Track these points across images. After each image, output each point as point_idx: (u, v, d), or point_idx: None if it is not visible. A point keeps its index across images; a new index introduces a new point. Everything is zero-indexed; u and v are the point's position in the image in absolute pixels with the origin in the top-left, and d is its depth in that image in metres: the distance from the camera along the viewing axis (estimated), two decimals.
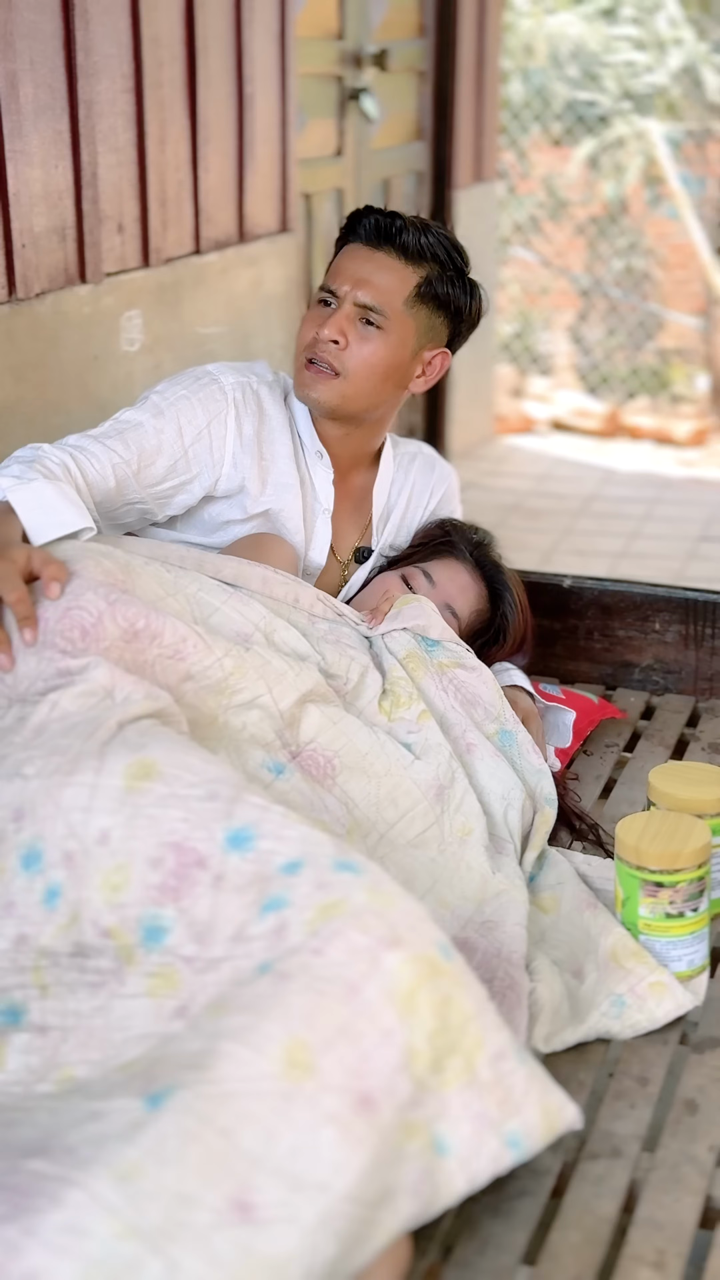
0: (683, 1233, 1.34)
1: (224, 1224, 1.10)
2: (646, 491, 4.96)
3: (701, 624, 2.38)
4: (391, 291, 2.02)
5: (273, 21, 3.19)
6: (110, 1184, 1.10)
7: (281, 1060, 1.19)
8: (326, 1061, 1.20)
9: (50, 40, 2.46)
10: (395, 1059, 1.23)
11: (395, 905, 1.31)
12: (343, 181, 3.93)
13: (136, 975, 1.36)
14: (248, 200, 3.17)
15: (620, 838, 1.66)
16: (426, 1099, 1.25)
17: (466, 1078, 1.28)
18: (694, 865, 1.63)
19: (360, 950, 1.26)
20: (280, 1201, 1.13)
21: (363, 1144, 1.19)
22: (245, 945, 1.32)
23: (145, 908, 1.37)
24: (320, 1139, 1.17)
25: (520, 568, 2.39)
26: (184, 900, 1.36)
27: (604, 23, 6.37)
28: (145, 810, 1.40)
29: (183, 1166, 1.12)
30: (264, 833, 1.38)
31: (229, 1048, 1.20)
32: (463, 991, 1.30)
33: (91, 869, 1.39)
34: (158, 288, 2.85)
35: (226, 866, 1.37)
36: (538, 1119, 1.31)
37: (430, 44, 4.38)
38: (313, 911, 1.30)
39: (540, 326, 6.60)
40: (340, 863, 1.35)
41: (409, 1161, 1.24)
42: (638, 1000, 1.59)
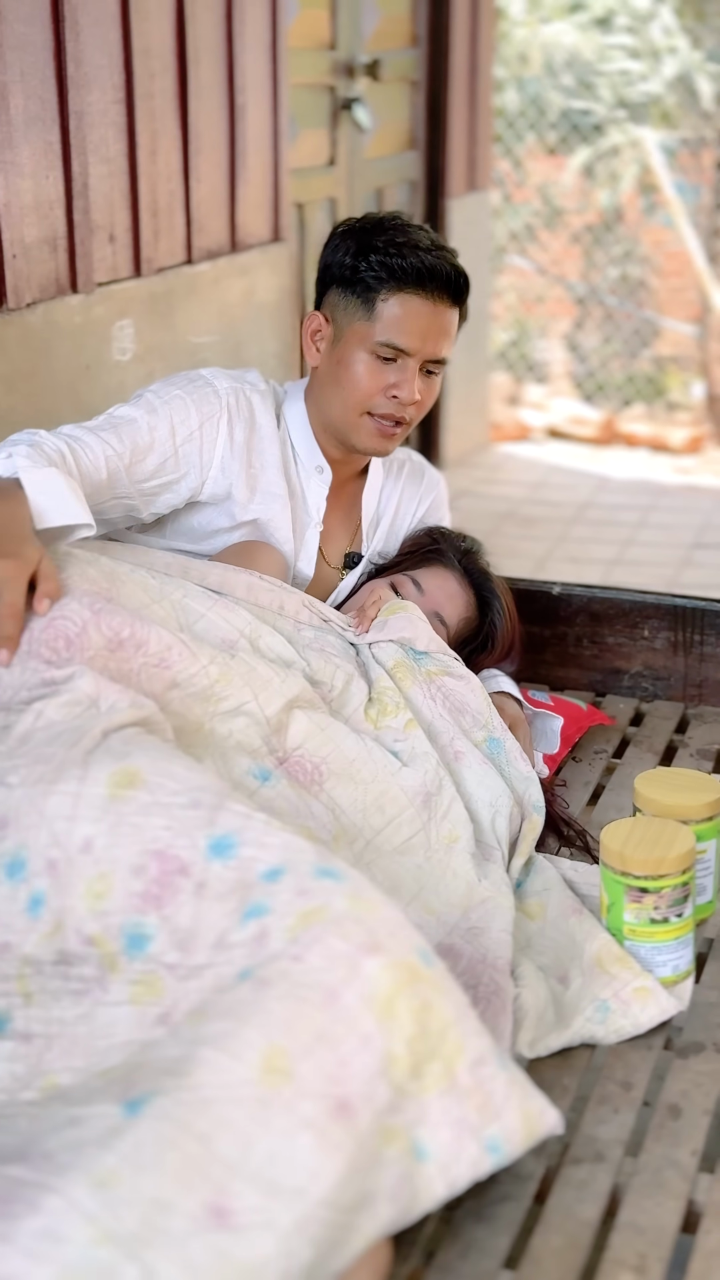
0: (664, 1237, 1.34)
1: (200, 1230, 1.11)
2: (641, 499, 4.97)
3: (690, 630, 2.39)
4: (452, 338, 2.06)
5: (264, 32, 3.21)
6: (87, 1190, 1.10)
7: (259, 1066, 1.20)
8: (304, 1067, 1.20)
9: (40, 52, 2.47)
10: (374, 1064, 1.23)
11: (376, 912, 1.32)
12: (335, 191, 3.94)
13: (120, 983, 1.37)
14: (239, 210, 3.19)
15: (605, 844, 1.66)
16: (406, 1104, 1.26)
17: (446, 1083, 1.28)
18: (678, 871, 1.64)
19: (340, 956, 1.26)
20: (257, 1207, 1.14)
21: (340, 1149, 1.19)
22: (227, 952, 1.33)
23: (128, 915, 1.38)
24: (297, 1145, 1.17)
25: (513, 575, 2.40)
26: (166, 908, 1.37)
27: (598, 32, 6.39)
28: (128, 818, 1.41)
29: (160, 1173, 1.12)
30: (246, 840, 1.39)
31: (208, 1054, 1.21)
32: (443, 997, 1.30)
33: (75, 877, 1.39)
34: (149, 297, 2.86)
35: (209, 874, 1.37)
36: (518, 1124, 1.32)
37: (423, 53, 4.40)
38: (293, 918, 1.31)
39: (536, 334, 6.62)
40: (321, 869, 1.36)
41: (388, 1167, 1.24)
42: (622, 1005, 1.60)
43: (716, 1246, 1.33)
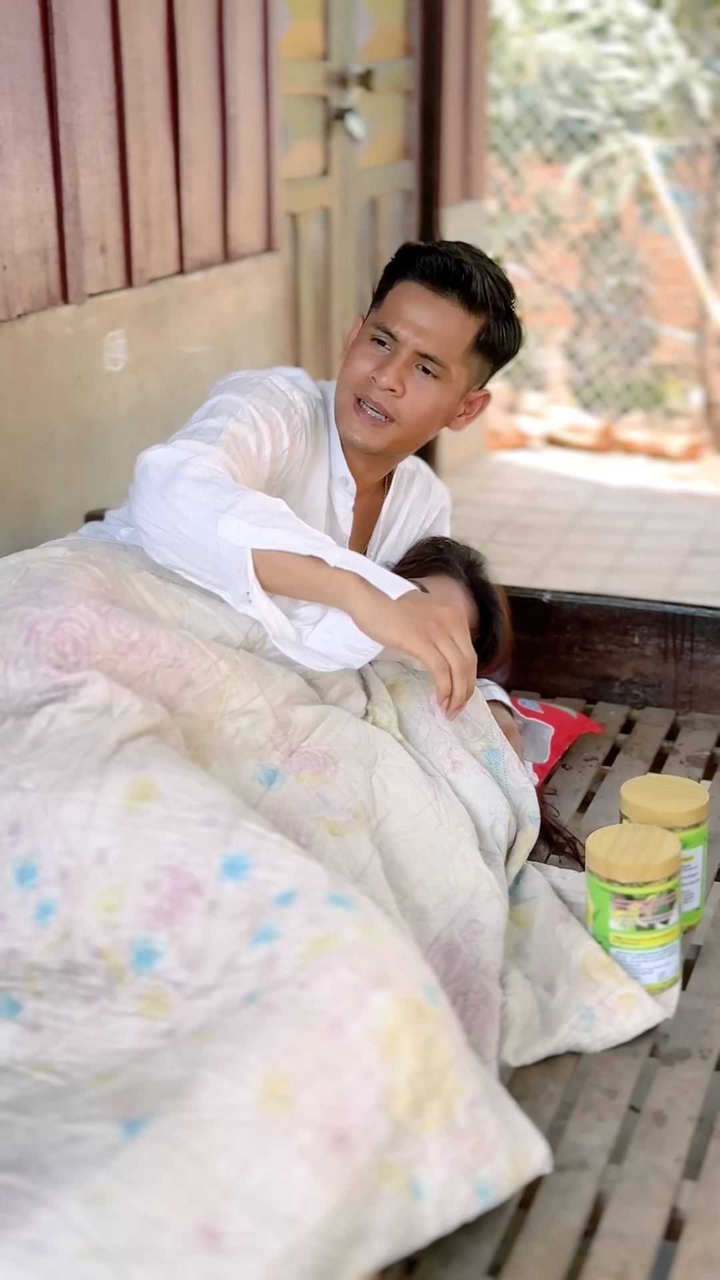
0: (647, 1244, 1.34)
1: (190, 1250, 1.11)
2: (638, 506, 4.97)
3: (680, 637, 2.39)
4: (453, 342, 1.96)
5: (255, 43, 3.22)
6: (79, 1205, 1.10)
7: (260, 1091, 1.19)
8: (305, 1095, 1.20)
9: (30, 64, 2.48)
10: (374, 1099, 1.23)
11: (385, 943, 1.31)
12: (329, 201, 3.95)
13: (127, 996, 1.37)
14: (232, 220, 3.20)
15: (591, 851, 1.66)
16: (405, 1141, 1.25)
17: (445, 1123, 1.28)
18: (664, 878, 1.64)
19: (348, 987, 1.26)
20: (248, 1232, 1.13)
21: (335, 1181, 1.18)
22: (235, 974, 1.33)
23: (138, 930, 1.37)
24: (293, 1173, 1.17)
25: (507, 583, 2.39)
26: (177, 926, 1.36)
27: (594, 40, 6.41)
28: (143, 831, 1.40)
29: (153, 1191, 1.12)
30: (260, 861, 1.38)
31: (208, 1076, 1.21)
32: (445, 1035, 1.30)
33: (87, 888, 1.39)
34: (141, 308, 2.87)
35: (221, 894, 1.37)
36: (507, 1167, 1.32)
37: (416, 63, 4.41)
38: (304, 945, 1.31)
39: (534, 343, 6.63)
40: (333, 896, 1.35)
41: (384, 1203, 1.23)
42: (607, 1013, 1.60)
43: (699, 1253, 1.33)
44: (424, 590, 1.86)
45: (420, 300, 1.96)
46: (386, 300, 1.99)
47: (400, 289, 1.98)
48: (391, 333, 1.96)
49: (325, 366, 3.98)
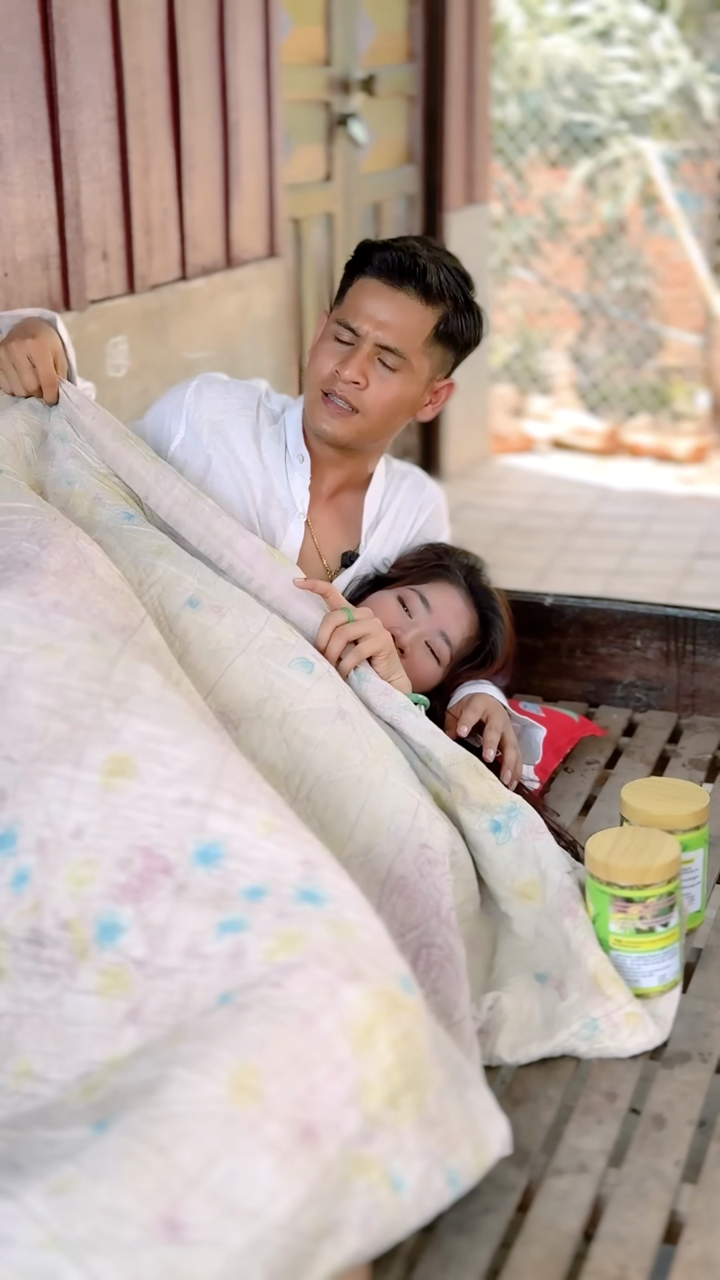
0: (645, 1247, 1.34)
1: (151, 1241, 1.11)
2: (643, 509, 4.97)
3: (682, 640, 2.39)
4: (412, 334, 2.05)
5: (257, 49, 3.22)
6: (41, 1196, 1.11)
7: (229, 1084, 1.20)
8: (274, 1089, 1.20)
9: (31, 71, 2.49)
10: (345, 1092, 1.23)
11: (356, 938, 1.32)
12: (332, 206, 3.96)
13: (89, 971, 1.37)
14: (234, 226, 3.20)
15: (590, 854, 1.66)
16: (380, 1135, 1.25)
17: (420, 1114, 1.28)
18: (663, 880, 1.64)
19: (320, 983, 1.26)
20: (210, 1224, 1.13)
21: (301, 1175, 1.18)
22: (200, 962, 1.33)
23: (105, 904, 1.39)
24: (258, 1166, 1.17)
25: (512, 587, 2.40)
26: (144, 903, 1.38)
27: (599, 44, 6.41)
28: (121, 810, 1.43)
29: (116, 1182, 1.13)
30: (232, 851, 1.39)
31: (178, 1073, 1.21)
32: (421, 1026, 1.30)
33: (61, 860, 1.41)
34: (143, 314, 2.87)
35: (191, 878, 1.38)
36: (470, 1155, 1.33)
37: (419, 68, 4.42)
38: (273, 940, 1.31)
39: (540, 346, 6.63)
40: (304, 892, 1.36)
41: (357, 1197, 1.23)
42: (611, 1027, 1.59)
43: (698, 1257, 1.32)
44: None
45: (379, 294, 2.04)
46: (347, 297, 2.08)
47: (359, 285, 2.07)
48: (353, 328, 2.05)
49: None
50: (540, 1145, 1.47)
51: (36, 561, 1.66)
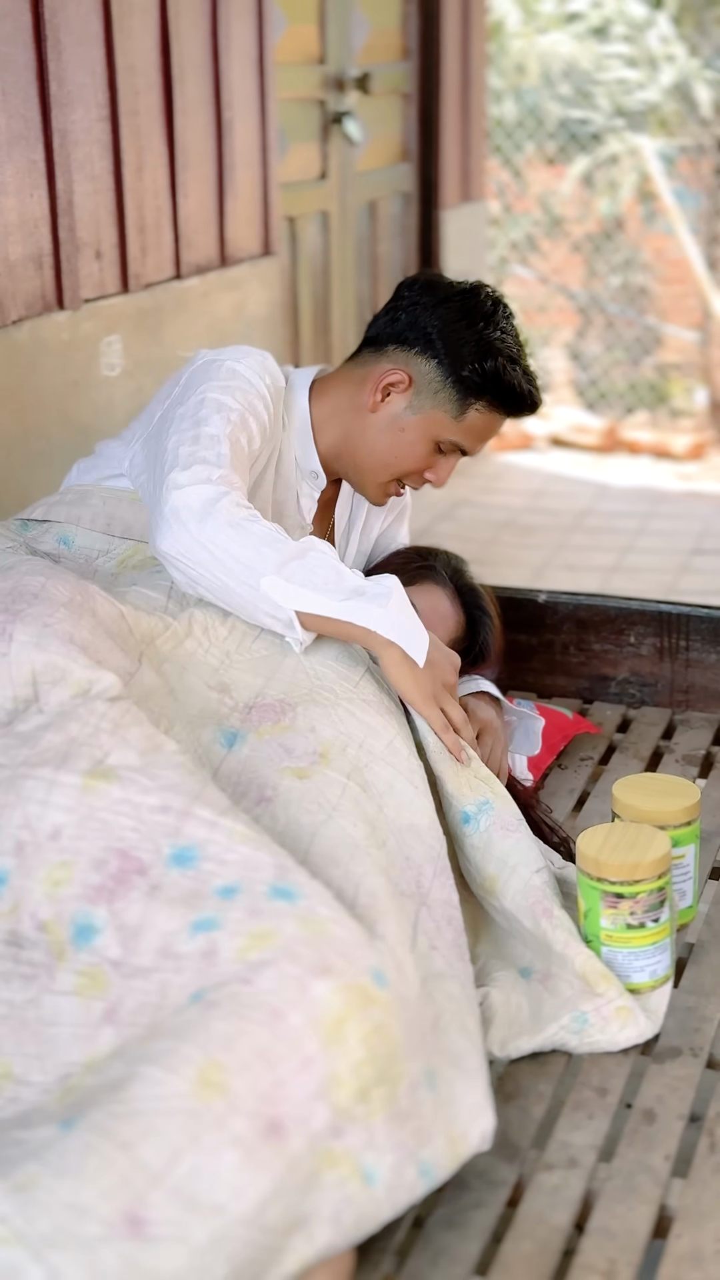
0: (635, 1241, 1.34)
1: (113, 1237, 1.11)
2: (641, 506, 4.97)
3: (676, 637, 2.39)
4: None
5: (250, 47, 3.23)
6: (4, 1194, 1.12)
7: (194, 1080, 1.20)
8: (239, 1083, 1.20)
9: (23, 71, 2.49)
10: (312, 1086, 1.23)
11: (327, 933, 1.32)
12: (327, 204, 3.96)
13: (66, 972, 1.38)
14: (229, 225, 3.20)
15: (581, 849, 1.66)
16: (351, 1128, 1.25)
17: (391, 1107, 1.28)
18: (654, 875, 1.64)
19: (289, 978, 1.27)
20: (173, 1219, 1.14)
21: (266, 1169, 1.18)
22: (174, 961, 1.34)
23: (80, 904, 1.39)
24: (222, 1161, 1.17)
25: (509, 584, 2.40)
26: (118, 903, 1.38)
27: (595, 41, 6.41)
28: (98, 813, 1.43)
29: (78, 1178, 1.13)
30: (208, 855, 1.40)
31: (145, 1070, 1.21)
32: (394, 1020, 1.30)
33: (38, 862, 1.41)
34: (137, 313, 2.88)
35: (165, 879, 1.39)
36: (444, 1147, 1.33)
37: (414, 66, 4.42)
38: (244, 939, 1.32)
39: (539, 343, 6.63)
40: (276, 889, 1.36)
41: (328, 1190, 1.23)
42: (601, 1021, 1.59)
43: (687, 1251, 1.33)
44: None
45: (498, 428, 2.11)
46: (467, 420, 2.05)
47: (485, 415, 2.06)
48: (465, 452, 2.09)
49: None
50: (531, 1140, 1.47)
51: (44, 593, 1.67)
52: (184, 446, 1.85)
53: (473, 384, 2.02)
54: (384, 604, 1.76)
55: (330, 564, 1.78)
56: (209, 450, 1.84)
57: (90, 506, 2.06)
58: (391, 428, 2.05)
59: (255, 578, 1.75)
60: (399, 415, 2.05)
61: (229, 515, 1.76)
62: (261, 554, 1.75)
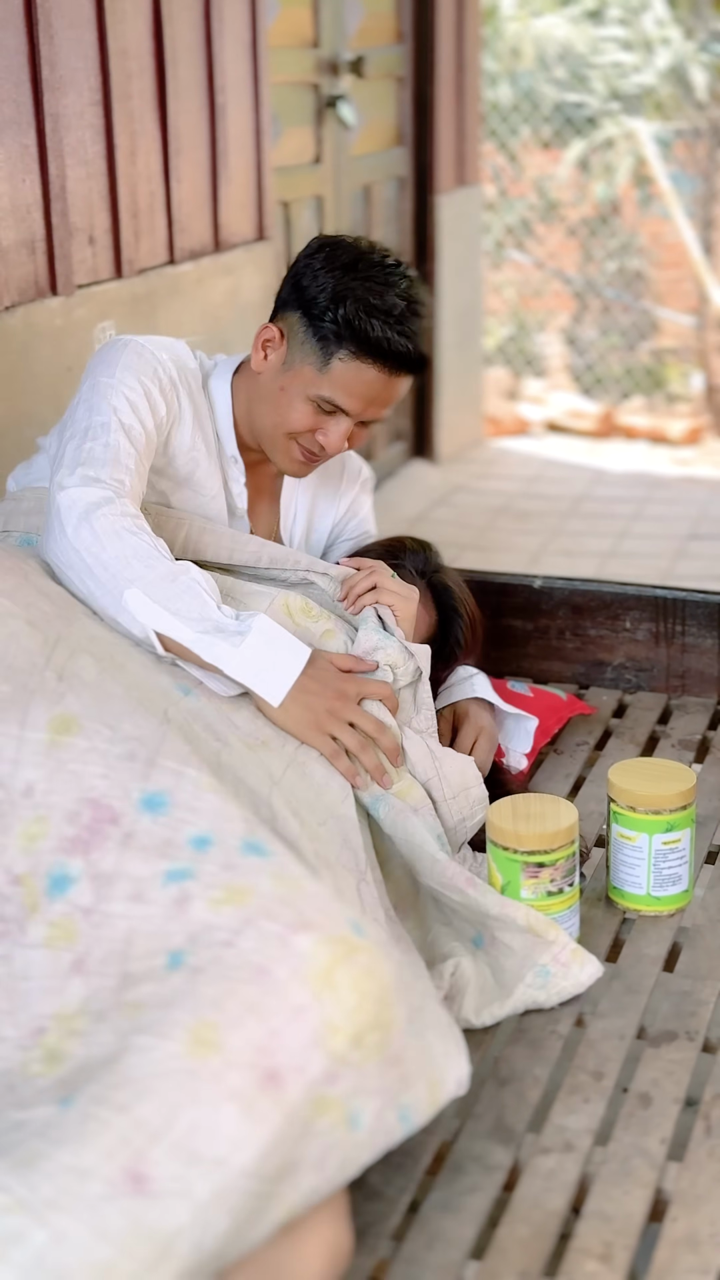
0: (631, 1225, 1.34)
1: (116, 1195, 1.12)
2: (637, 491, 4.96)
3: (671, 621, 2.39)
4: (396, 402, 2.02)
5: (244, 31, 3.21)
6: (7, 1169, 1.12)
7: (187, 1041, 1.21)
8: (234, 1039, 1.21)
9: (14, 55, 2.48)
10: (307, 1035, 1.23)
11: (301, 889, 1.34)
12: (322, 189, 3.95)
13: (38, 924, 1.39)
14: (222, 209, 3.19)
15: (495, 824, 1.69)
16: (345, 1073, 1.25)
17: (382, 1052, 1.28)
18: (569, 841, 1.70)
19: (270, 936, 1.28)
20: (175, 1175, 1.14)
21: (265, 1120, 1.19)
22: (144, 908, 1.35)
23: (56, 857, 1.41)
24: (221, 1115, 1.18)
25: (505, 569, 2.38)
26: (93, 854, 1.40)
27: (590, 24, 6.38)
28: (67, 765, 1.46)
29: (79, 1143, 1.14)
30: (177, 801, 1.43)
31: (137, 1040, 1.23)
32: (382, 965, 1.31)
33: (14, 819, 1.44)
34: (131, 298, 2.87)
35: (138, 826, 1.41)
36: (424, 1092, 1.33)
37: (408, 50, 4.40)
38: (219, 891, 1.34)
39: (534, 329, 6.61)
40: (248, 844, 1.39)
41: (317, 1137, 1.24)
42: (561, 968, 1.63)
43: (683, 1234, 1.33)
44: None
45: (371, 383, 1.94)
46: (333, 371, 1.93)
47: (349, 365, 1.92)
48: (342, 409, 1.96)
49: None
50: (526, 1124, 1.48)
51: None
52: (73, 441, 1.84)
53: (330, 332, 1.92)
54: (237, 643, 1.72)
55: (199, 594, 1.74)
56: (96, 442, 1.82)
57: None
58: (273, 387, 1.99)
59: (119, 589, 1.72)
60: (278, 373, 1.99)
61: (108, 523, 1.75)
62: (130, 567, 1.73)
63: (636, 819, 1.79)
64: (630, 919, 1.82)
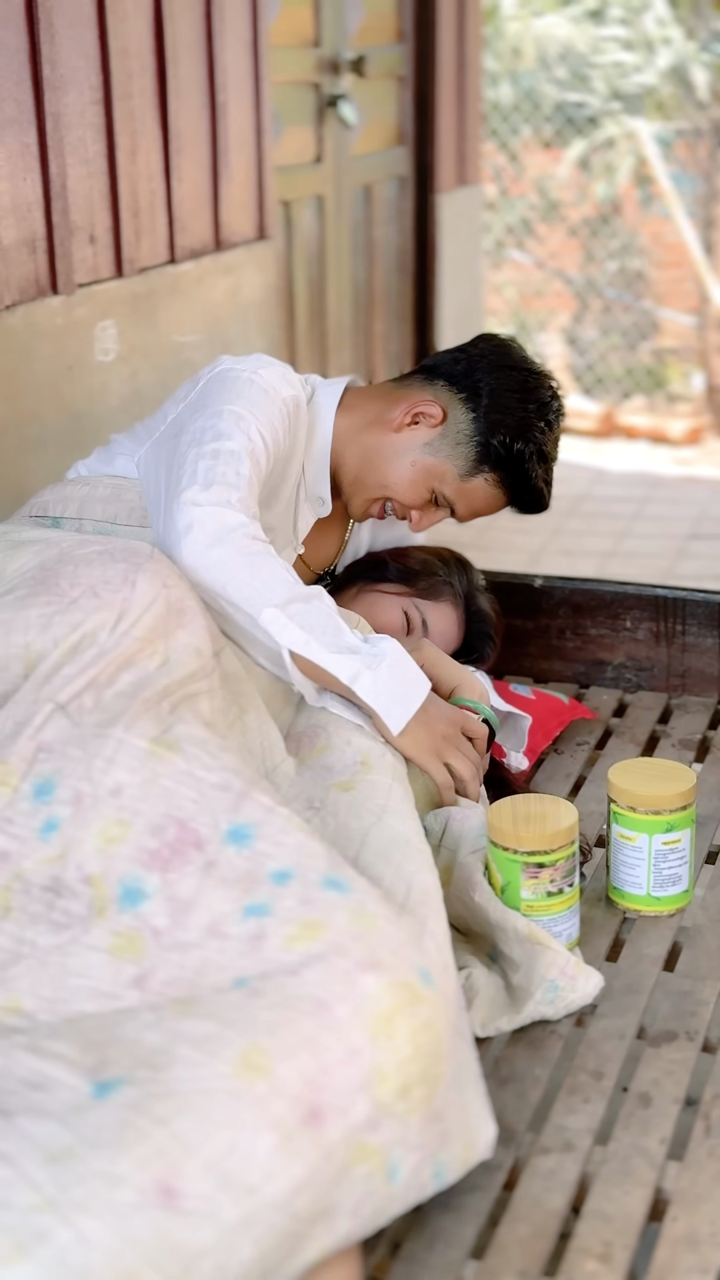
0: (631, 1225, 1.34)
1: (146, 1205, 1.11)
2: (637, 491, 4.96)
3: (672, 621, 2.39)
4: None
5: (245, 30, 3.21)
6: (39, 1163, 1.12)
7: (236, 1063, 1.20)
8: (284, 1068, 1.20)
9: (14, 54, 2.48)
10: (357, 1079, 1.23)
11: (377, 928, 1.32)
12: (323, 188, 3.95)
13: (103, 930, 1.38)
14: (223, 208, 3.19)
15: (495, 825, 1.69)
16: (388, 1124, 1.25)
17: (427, 1108, 1.28)
18: (569, 842, 1.69)
19: (337, 971, 1.27)
20: (206, 1195, 1.13)
21: (301, 1157, 1.18)
22: (220, 941, 1.34)
23: (132, 867, 1.40)
24: (259, 1143, 1.17)
25: (504, 569, 2.39)
26: (171, 873, 1.39)
27: (592, 24, 6.38)
28: (161, 779, 1.45)
29: (115, 1149, 1.13)
30: (263, 835, 1.42)
31: (185, 1052, 1.21)
32: (442, 1019, 1.30)
33: (95, 815, 1.43)
34: (132, 297, 2.87)
35: (221, 856, 1.40)
36: (459, 1151, 1.33)
37: (409, 49, 4.40)
38: (294, 927, 1.32)
39: (535, 328, 6.61)
40: (329, 880, 1.37)
41: (355, 1184, 1.23)
42: (569, 981, 1.62)
43: (683, 1234, 1.33)
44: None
45: (494, 510, 2.09)
46: (470, 484, 2.03)
47: (489, 491, 2.04)
48: (455, 511, 2.06)
49: (319, 354, 3.97)
50: (526, 1124, 1.48)
51: (157, 555, 1.74)
52: (203, 461, 1.83)
53: (495, 455, 2.00)
54: (374, 666, 1.75)
55: (332, 616, 1.77)
56: (229, 468, 1.83)
57: (125, 502, 2.01)
58: (404, 456, 2.03)
59: (257, 608, 1.74)
60: (416, 448, 2.02)
61: (242, 545, 1.76)
62: (270, 587, 1.75)
63: (636, 819, 1.78)
64: (630, 919, 1.82)
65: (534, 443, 2.01)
